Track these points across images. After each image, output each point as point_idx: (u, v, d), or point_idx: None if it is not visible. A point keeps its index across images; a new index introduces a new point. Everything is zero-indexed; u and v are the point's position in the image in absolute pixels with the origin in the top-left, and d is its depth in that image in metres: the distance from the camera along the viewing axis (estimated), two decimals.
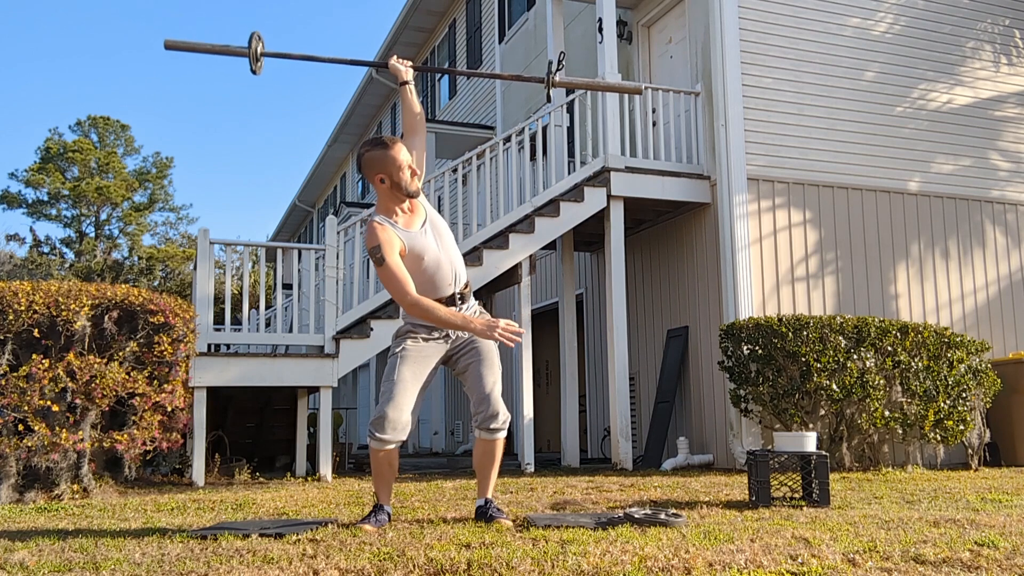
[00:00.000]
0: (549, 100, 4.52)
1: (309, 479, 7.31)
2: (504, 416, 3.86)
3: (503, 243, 8.18)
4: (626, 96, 8.67)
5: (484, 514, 3.91)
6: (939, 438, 7.31)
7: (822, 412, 7.12)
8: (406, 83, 4.14)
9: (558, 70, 4.27)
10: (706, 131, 8.68)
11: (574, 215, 8.35)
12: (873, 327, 7.16)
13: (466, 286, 3.96)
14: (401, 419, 3.74)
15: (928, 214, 9.09)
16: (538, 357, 11.58)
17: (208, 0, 73.40)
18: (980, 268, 9.22)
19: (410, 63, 4.20)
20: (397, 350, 3.87)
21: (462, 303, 3.91)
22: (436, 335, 3.89)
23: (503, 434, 3.91)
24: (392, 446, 3.77)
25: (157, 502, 5.31)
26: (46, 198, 36.95)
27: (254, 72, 4.08)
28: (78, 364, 5.93)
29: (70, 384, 5.88)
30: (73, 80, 64.65)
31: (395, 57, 4.21)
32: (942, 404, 7.27)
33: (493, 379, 3.89)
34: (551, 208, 8.36)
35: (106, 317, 6.19)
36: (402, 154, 3.77)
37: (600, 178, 8.44)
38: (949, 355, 7.37)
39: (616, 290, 8.36)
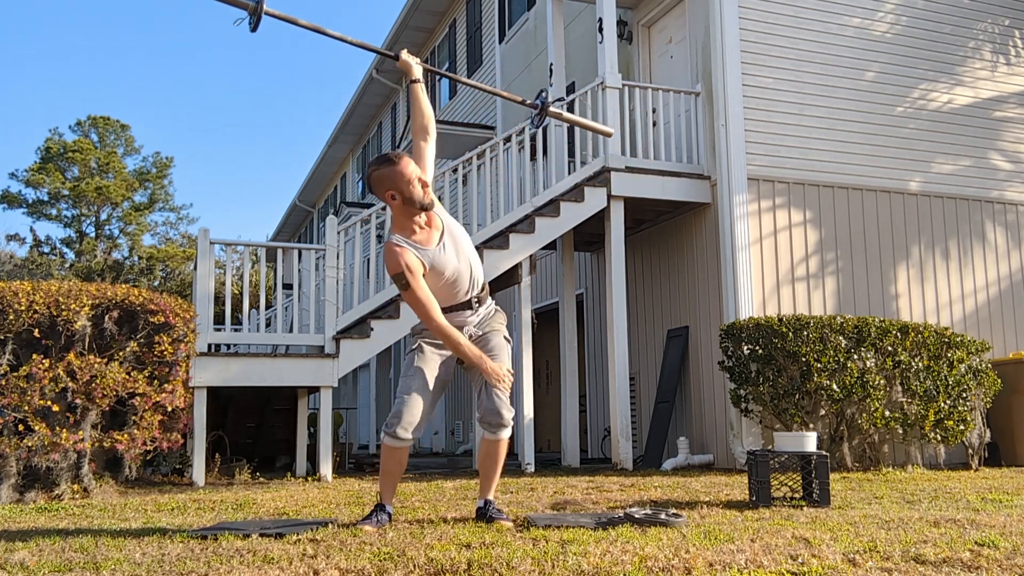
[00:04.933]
0: (535, 126, 4.55)
1: (309, 479, 7.31)
2: (507, 413, 3.83)
3: (503, 243, 8.18)
4: (626, 96, 8.68)
5: (484, 515, 3.91)
6: (939, 438, 7.31)
7: (822, 412, 7.12)
8: (416, 81, 4.02)
9: (555, 100, 4.41)
10: (706, 131, 8.67)
11: (574, 215, 8.35)
12: (873, 327, 7.15)
13: (483, 288, 3.98)
14: (416, 417, 3.76)
15: (928, 214, 9.09)
16: (538, 357, 11.56)
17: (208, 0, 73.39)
18: (980, 268, 9.22)
19: (419, 60, 4.09)
20: (414, 347, 3.93)
21: (479, 305, 3.95)
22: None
23: (506, 433, 3.87)
24: (406, 443, 3.79)
25: (157, 502, 5.31)
26: (46, 198, 36.97)
27: (252, 30, 3.77)
28: (78, 364, 5.93)
29: (70, 384, 5.88)
30: (73, 80, 64.70)
31: (405, 51, 4.10)
32: (942, 404, 7.27)
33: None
34: (551, 208, 8.36)
35: (106, 317, 6.19)
36: (410, 168, 3.71)
37: (600, 178, 8.44)
38: (949, 355, 7.37)
39: (616, 290, 8.36)
